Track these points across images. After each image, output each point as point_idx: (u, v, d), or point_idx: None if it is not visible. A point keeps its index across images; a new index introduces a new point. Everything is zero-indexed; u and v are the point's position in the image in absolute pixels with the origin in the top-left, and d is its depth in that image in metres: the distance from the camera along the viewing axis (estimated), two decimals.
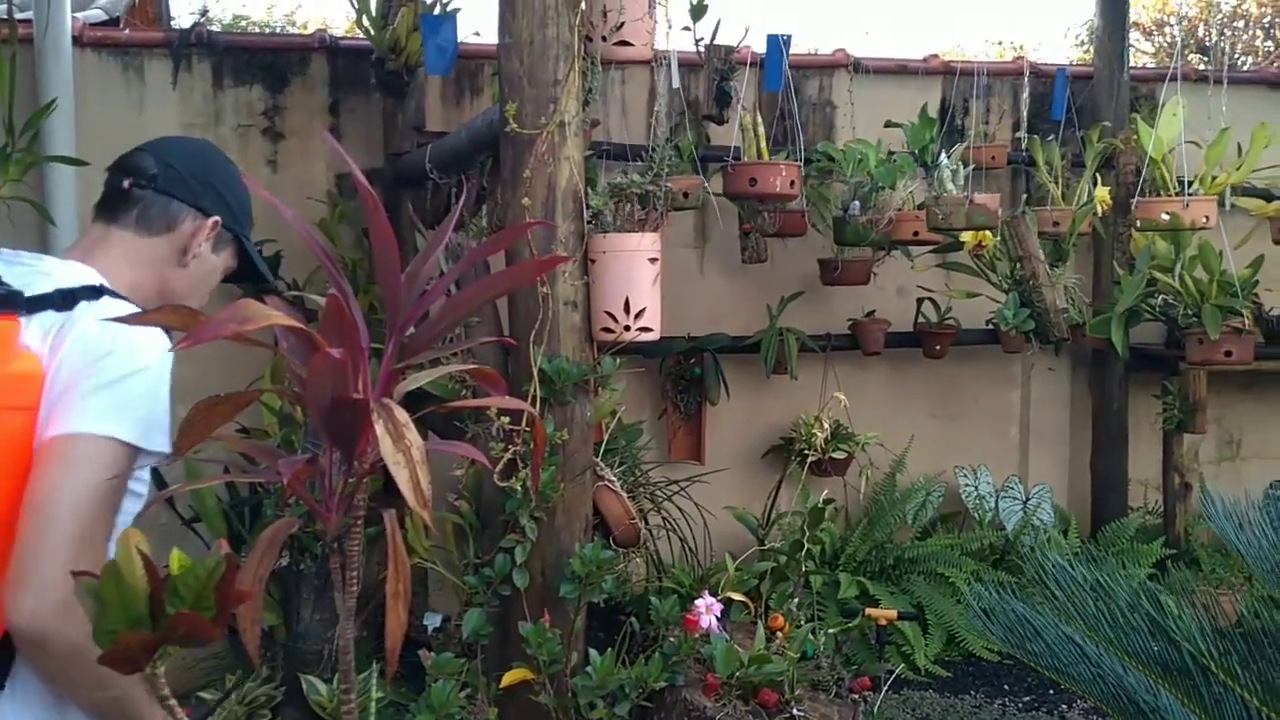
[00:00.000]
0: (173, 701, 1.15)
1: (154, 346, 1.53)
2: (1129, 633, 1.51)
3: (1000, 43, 14.68)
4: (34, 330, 1.46)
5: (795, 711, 2.44)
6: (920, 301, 4.98)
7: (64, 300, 1.51)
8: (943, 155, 4.24)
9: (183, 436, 1.49)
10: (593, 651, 2.40)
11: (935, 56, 5.29)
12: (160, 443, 1.51)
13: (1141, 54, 12.46)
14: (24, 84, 3.73)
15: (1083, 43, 12.97)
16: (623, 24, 2.83)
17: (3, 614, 1.37)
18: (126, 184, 1.66)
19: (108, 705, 1.44)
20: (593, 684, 2.30)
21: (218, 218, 1.70)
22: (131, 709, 1.45)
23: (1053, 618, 1.65)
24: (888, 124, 4.82)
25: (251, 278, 1.85)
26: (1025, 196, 5.06)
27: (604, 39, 2.86)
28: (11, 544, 1.39)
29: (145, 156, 1.69)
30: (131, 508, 1.54)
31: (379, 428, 1.37)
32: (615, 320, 2.64)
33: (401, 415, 1.40)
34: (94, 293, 1.54)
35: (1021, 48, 13.97)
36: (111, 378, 1.47)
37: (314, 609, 3.06)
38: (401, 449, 1.36)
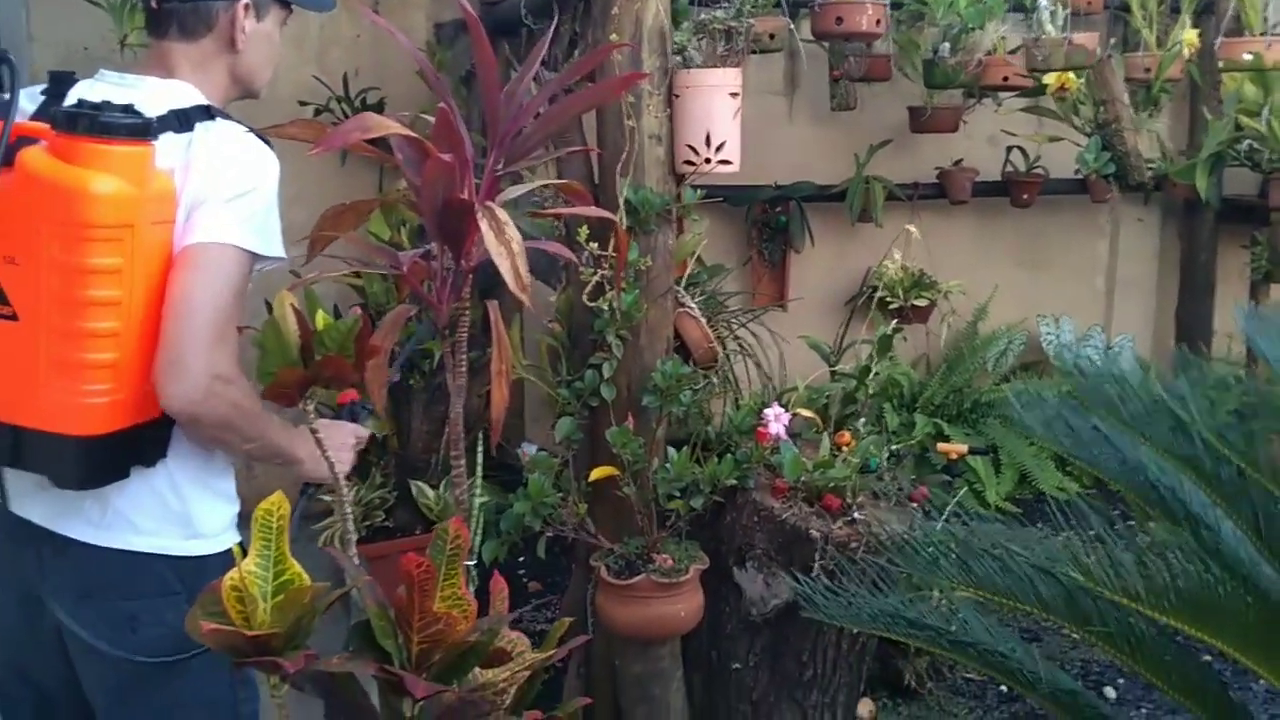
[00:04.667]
0: (321, 434, 1.41)
1: (269, 165, 1.75)
2: (1144, 420, 1.69)
3: None
4: (160, 151, 1.62)
5: (856, 515, 2.67)
6: (1009, 150, 4.99)
7: (180, 121, 1.69)
8: None
9: (315, 240, 1.76)
10: (670, 449, 2.66)
11: None
12: (276, 249, 1.74)
13: None
14: None
15: None
16: None
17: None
18: (155, 3, 1.76)
19: (256, 451, 1.72)
20: (670, 477, 2.56)
21: None
22: (274, 445, 1.72)
23: (1080, 411, 1.84)
24: None
25: None
26: (1112, 41, 4.97)
27: None
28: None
29: None
30: None
31: (484, 225, 1.58)
32: (697, 153, 2.80)
33: (502, 214, 1.61)
34: (205, 113, 1.73)
35: None
36: (236, 192, 1.67)
37: (423, 420, 3.39)
38: (504, 242, 1.58)
